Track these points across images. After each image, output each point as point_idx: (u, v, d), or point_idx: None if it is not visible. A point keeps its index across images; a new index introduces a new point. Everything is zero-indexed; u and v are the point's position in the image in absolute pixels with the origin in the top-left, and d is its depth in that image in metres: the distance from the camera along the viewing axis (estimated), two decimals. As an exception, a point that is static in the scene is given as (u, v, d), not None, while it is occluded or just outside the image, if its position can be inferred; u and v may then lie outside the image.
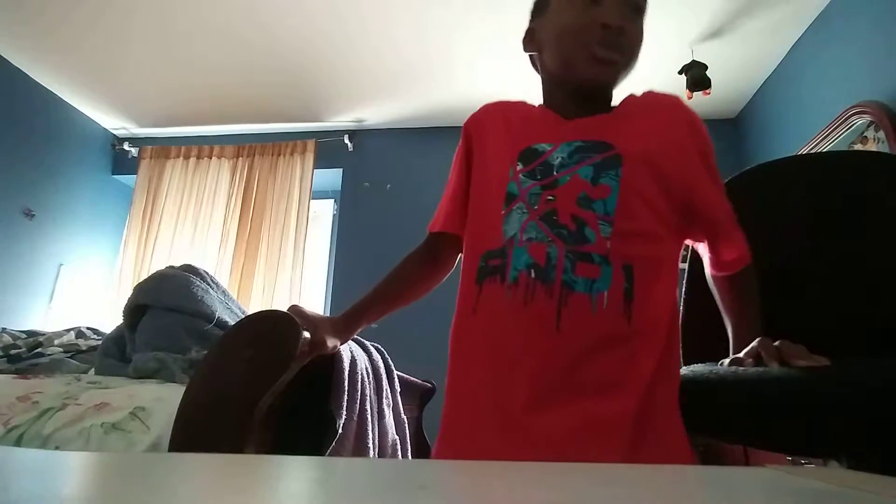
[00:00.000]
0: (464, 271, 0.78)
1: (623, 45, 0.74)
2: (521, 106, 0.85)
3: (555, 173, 0.72)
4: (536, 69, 0.86)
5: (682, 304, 0.90)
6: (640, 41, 0.76)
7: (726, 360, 0.67)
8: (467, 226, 0.81)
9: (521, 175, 0.73)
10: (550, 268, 0.67)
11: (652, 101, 0.79)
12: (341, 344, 0.88)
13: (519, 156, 0.75)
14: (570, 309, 0.65)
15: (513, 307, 0.68)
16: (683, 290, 0.93)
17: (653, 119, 0.76)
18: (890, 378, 0.49)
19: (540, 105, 0.84)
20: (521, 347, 0.67)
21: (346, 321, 0.85)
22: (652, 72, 2.80)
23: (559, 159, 0.72)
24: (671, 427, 0.67)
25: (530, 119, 0.82)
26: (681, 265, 0.79)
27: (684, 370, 0.71)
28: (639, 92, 0.80)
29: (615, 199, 0.69)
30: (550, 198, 0.70)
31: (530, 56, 0.86)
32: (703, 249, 0.81)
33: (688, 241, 0.82)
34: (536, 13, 0.84)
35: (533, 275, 0.67)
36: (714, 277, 0.82)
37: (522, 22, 0.87)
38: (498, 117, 0.84)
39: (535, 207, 0.70)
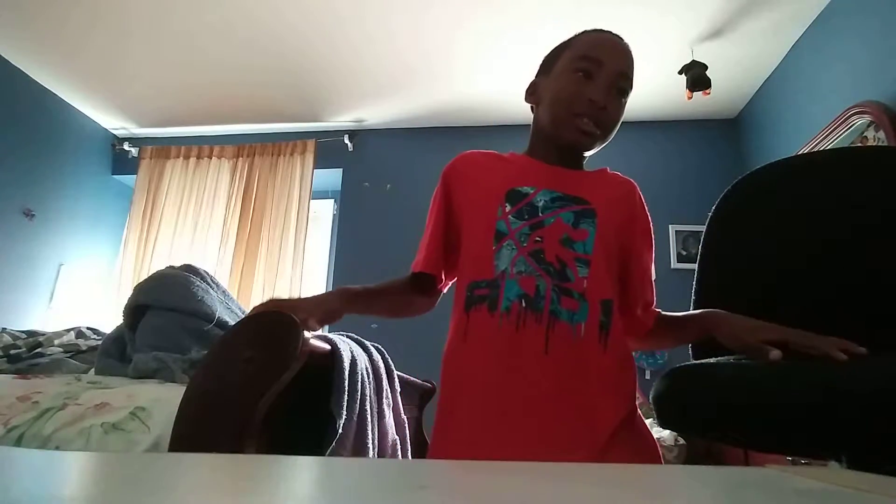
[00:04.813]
0: (455, 302, 0.85)
1: (603, 122, 0.84)
2: (495, 155, 0.94)
3: (540, 214, 0.82)
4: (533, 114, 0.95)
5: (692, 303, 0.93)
6: (618, 120, 0.86)
7: (771, 353, 0.65)
8: (459, 261, 0.88)
9: (509, 216, 0.82)
10: (539, 298, 0.76)
11: (615, 179, 0.92)
12: (330, 322, 0.89)
13: (506, 196, 0.84)
14: (556, 334, 0.75)
15: (505, 332, 0.76)
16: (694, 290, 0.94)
17: (616, 190, 0.89)
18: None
19: (514, 153, 0.94)
20: (514, 367, 0.75)
21: (341, 298, 0.88)
22: (652, 72, 2.80)
23: (542, 202, 0.83)
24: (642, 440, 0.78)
25: (511, 164, 0.91)
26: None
27: (700, 365, 0.68)
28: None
29: (593, 242, 0.80)
30: (538, 238, 0.80)
31: (530, 106, 0.95)
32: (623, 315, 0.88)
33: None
34: (542, 71, 0.93)
35: (524, 304, 0.76)
36: (642, 338, 0.91)
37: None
38: (476, 163, 0.93)
39: (524, 245, 0.79)
